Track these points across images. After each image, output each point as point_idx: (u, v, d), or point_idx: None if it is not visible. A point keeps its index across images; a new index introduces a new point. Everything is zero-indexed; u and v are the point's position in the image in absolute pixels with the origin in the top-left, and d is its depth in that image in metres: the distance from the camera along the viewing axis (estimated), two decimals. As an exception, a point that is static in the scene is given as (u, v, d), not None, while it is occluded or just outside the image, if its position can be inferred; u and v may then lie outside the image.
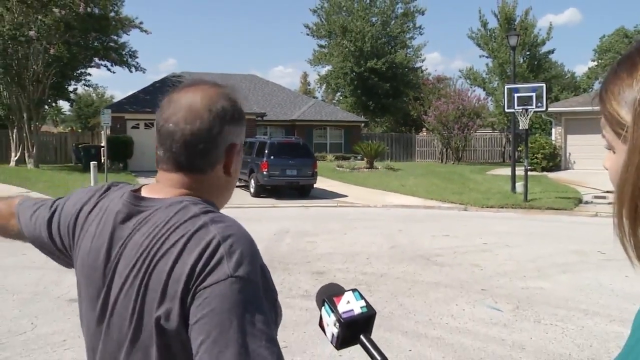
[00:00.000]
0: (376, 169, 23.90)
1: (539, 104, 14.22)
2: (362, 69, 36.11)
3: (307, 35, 40.20)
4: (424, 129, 33.41)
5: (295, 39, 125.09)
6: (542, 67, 31.77)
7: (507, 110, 15.32)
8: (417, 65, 40.39)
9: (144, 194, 1.07)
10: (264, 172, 15.29)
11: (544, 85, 14.79)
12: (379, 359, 0.96)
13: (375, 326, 1.02)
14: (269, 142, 16.12)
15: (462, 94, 29.46)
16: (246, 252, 0.93)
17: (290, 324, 4.76)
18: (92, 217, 1.10)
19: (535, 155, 22.81)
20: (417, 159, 32.74)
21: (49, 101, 25.89)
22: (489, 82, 32.09)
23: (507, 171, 18.34)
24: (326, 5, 38.44)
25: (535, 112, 14.93)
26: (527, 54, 30.49)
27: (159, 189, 1.06)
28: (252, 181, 15.99)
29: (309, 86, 59.41)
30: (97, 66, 25.97)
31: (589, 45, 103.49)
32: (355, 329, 0.98)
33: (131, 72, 26.73)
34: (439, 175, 21.02)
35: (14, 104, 23.08)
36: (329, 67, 40.08)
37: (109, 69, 26.16)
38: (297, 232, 10.07)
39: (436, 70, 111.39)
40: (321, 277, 6.68)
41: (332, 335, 0.99)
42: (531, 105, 14.17)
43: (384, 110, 38.58)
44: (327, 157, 28.84)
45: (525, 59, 30.27)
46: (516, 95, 14.35)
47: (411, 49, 39.67)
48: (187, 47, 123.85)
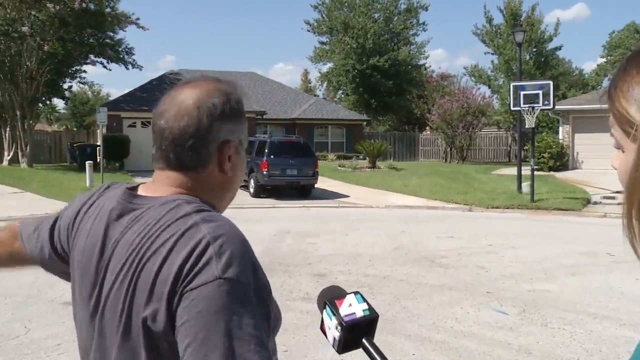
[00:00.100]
0: (379, 168, 23.91)
1: (546, 102, 14.22)
2: (364, 66, 36.09)
3: (307, 31, 40.35)
4: (428, 128, 33.40)
5: (295, 36, 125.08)
6: (549, 64, 31.73)
7: (513, 108, 15.31)
8: (421, 62, 40.44)
9: (140, 192, 1.08)
10: (264, 172, 15.30)
11: (551, 82, 14.78)
12: (381, 363, 0.96)
13: (377, 330, 1.02)
14: (269, 141, 16.11)
15: (467, 91, 29.46)
16: (237, 253, 0.92)
17: (290, 327, 4.76)
18: (88, 215, 1.11)
19: (541, 154, 22.79)
20: (421, 159, 32.74)
21: (43, 99, 25.89)
22: (495, 80, 32.05)
23: (513, 171, 18.32)
24: (327, 1, 38.41)
25: (542, 110, 14.91)
26: (534, 50, 30.45)
27: (155, 187, 1.07)
28: (252, 181, 15.98)
29: (310, 84, 59.42)
30: (93, 63, 25.96)
31: (598, 41, 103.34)
32: (357, 333, 0.98)
33: (128, 69, 26.72)
34: (443, 175, 21.01)
35: (7, 102, 23.10)
36: (330, 65, 40.13)
37: (104, 66, 26.18)
38: (297, 233, 10.07)
39: (440, 67, 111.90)
40: (322, 280, 6.68)
41: (334, 339, 0.99)
42: (538, 103, 14.17)
43: (386, 108, 38.57)
44: (328, 156, 28.84)
45: (531, 55, 30.24)
46: (522, 93, 14.35)
47: (414, 46, 39.65)
48: (185, 43, 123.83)
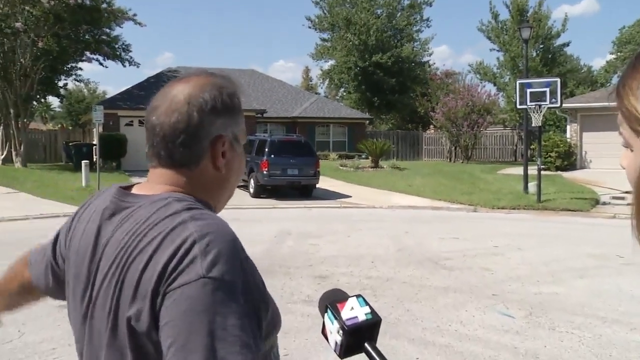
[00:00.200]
0: (381, 168, 23.91)
1: (553, 100, 14.22)
2: (367, 63, 36.10)
3: (309, 28, 40.31)
4: (432, 126, 33.42)
5: (296, 32, 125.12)
6: (557, 61, 31.73)
7: (519, 106, 15.28)
8: (425, 59, 40.48)
9: (134, 191, 1.09)
10: (264, 172, 15.30)
11: (558, 79, 14.78)
12: (384, 367, 0.96)
13: (380, 333, 1.02)
14: (269, 140, 16.10)
15: (472, 89, 29.45)
16: (224, 252, 0.91)
17: (291, 330, 4.76)
18: (83, 217, 1.12)
19: (548, 153, 22.78)
20: (425, 158, 32.74)
21: (38, 97, 25.88)
22: (500, 77, 32.09)
23: (519, 170, 18.30)
24: (329, -4, 38.49)
25: (549, 108, 14.91)
26: (541, 47, 30.46)
27: (150, 186, 1.07)
28: (252, 181, 15.98)
29: (311, 82, 59.48)
30: (89, 60, 25.92)
31: (607, 37, 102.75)
32: (359, 337, 0.98)
33: (124, 66, 26.72)
34: (447, 174, 21.01)
35: (1, 100, 23.10)
36: (332, 62, 40.17)
37: (101, 63, 26.14)
38: (298, 234, 10.07)
39: (444, 64, 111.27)
40: (324, 282, 6.68)
41: (336, 343, 0.99)
42: (545, 101, 14.17)
43: (389, 106, 38.58)
44: (330, 155, 28.85)
45: (538, 52, 30.25)
46: (529, 90, 14.35)
47: (418, 43, 39.72)
48: (184, 40, 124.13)
